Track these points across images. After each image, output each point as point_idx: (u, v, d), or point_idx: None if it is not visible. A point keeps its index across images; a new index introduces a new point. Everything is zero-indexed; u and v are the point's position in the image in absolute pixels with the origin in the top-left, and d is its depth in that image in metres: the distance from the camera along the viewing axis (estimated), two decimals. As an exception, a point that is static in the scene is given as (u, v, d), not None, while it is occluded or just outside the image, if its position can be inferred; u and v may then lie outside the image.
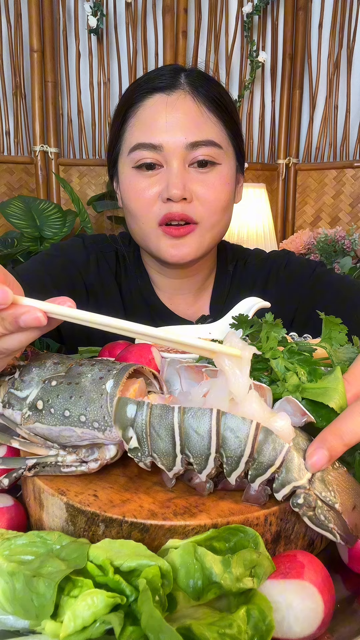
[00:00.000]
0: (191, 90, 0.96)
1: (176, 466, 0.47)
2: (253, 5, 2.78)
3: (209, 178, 0.96)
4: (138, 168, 0.96)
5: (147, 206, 0.96)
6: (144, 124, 0.96)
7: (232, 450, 0.45)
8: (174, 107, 0.94)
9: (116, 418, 0.48)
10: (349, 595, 0.46)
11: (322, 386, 0.53)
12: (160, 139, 0.93)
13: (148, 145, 0.94)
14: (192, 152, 0.94)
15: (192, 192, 0.95)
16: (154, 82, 0.97)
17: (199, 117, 0.95)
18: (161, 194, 0.95)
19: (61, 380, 0.52)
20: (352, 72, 2.86)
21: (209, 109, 0.96)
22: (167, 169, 0.95)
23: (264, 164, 2.99)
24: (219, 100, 0.98)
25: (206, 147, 0.94)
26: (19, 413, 0.52)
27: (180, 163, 0.94)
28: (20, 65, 2.73)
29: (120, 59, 2.83)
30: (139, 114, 0.97)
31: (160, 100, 0.95)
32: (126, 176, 0.99)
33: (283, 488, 0.45)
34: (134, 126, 0.97)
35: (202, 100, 0.96)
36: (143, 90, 0.97)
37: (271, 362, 0.56)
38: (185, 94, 0.95)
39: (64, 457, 0.51)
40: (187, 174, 0.95)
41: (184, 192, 0.93)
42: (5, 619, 0.40)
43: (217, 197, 0.97)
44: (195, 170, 0.95)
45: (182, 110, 0.94)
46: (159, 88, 0.96)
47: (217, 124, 0.97)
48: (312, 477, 0.45)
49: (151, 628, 0.34)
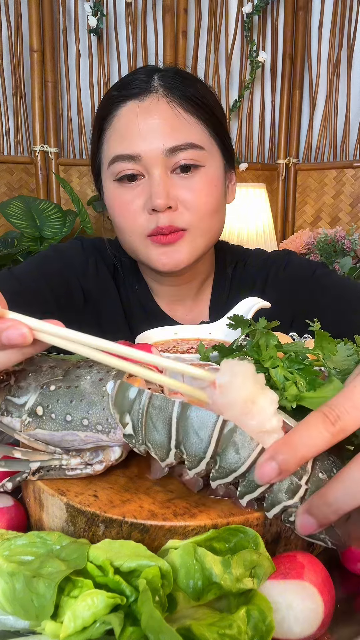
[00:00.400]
0: (165, 92, 0.91)
1: (169, 458, 0.47)
2: (253, 5, 2.78)
3: (193, 182, 0.92)
4: (120, 181, 0.93)
5: (132, 219, 0.93)
6: (120, 135, 0.92)
7: (228, 463, 0.45)
8: (147, 112, 0.90)
9: (116, 401, 0.48)
10: (349, 595, 0.46)
11: (321, 396, 0.53)
12: (137, 149, 0.90)
13: (126, 157, 0.91)
14: (172, 158, 0.90)
15: (176, 198, 0.91)
16: (127, 88, 0.93)
17: (175, 120, 0.90)
18: (145, 205, 0.92)
19: (60, 384, 0.51)
20: (352, 72, 2.86)
21: (186, 110, 0.92)
22: (148, 179, 0.91)
23: (264, 164, 2.99)
24: (197, 98, 0.93)
25: (186, 151, 0.90)
26: (18, 420, 0.51)
27: (162, 170, 0.90)
28: (20, 65, 2.73)
29: (120, 59, 2.83)
30: (114, 124, 0.93)
31: (133, 107, 0.91)
32: (109, 190, 0.96)
33: (273, 508, 0.44)
34: (111, 138, 0.94)
35: (177, 102, 0.91)
36: (116, 99, 0.94)
37: (270, 371, 0.56)
38: (158, 97, 0.91)
39: (68, 461, 0.51)
40: (169, 180, 0.91)
41: (168, 201, 0.89)
42: (5, 619, 0.40)
43: (204, 200, 0.93)
44: (179, 175, 0.92)
45: (157, 114, 0.90)
46: (131, 95, 0.92)
47: (196, 125, 0.92)
48: (305, 494, 0.45)
49: (151, 628, 0.34)
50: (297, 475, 0.45)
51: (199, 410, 0.46)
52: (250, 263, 1.12)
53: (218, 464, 0.45)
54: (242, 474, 0.44)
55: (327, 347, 0.58)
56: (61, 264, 1.05)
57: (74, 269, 1.06)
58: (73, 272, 1.05)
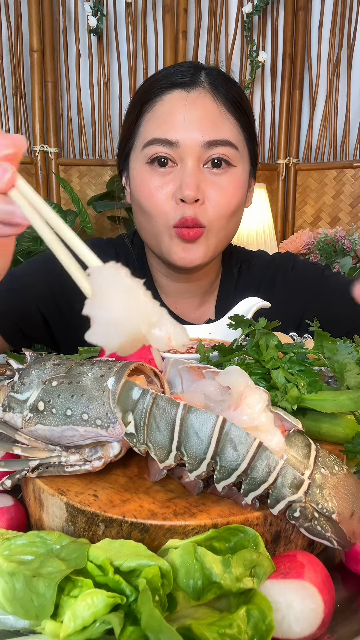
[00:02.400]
0: (211, 89, 0.95)
1: (169, 460, 0.47)
2: (253, 5, 2.78)
3: (222, 180, 0.95)
4: (151, 163, 0.94)
5: (160, 206, 0.94)
6: (161, 119, 0.94)
7: (228, 461, 0.45)
8: (193, 104, 0.93)
9: (119, 399, 0.48)
10: (349, 595, 0.46)
11: (322, 398, 0.54)
12: (177, 135, 0.92)
13: (164, 141, 0.93)
14: (208, 151, 0.93)
15: (204, 194, 0.93)
16: (174, 77, 0.95)
17: (217, 116, 0.94)
18: (174, 194, 0.93)
19: (62, 380, 0.52)
20: (352, 72, 2.86)
21: (228, 109, 0.95)
22: (181, 168, 0.93)
23: (264, 164, 2.99)
24: (238, 101, 0.97)
25: (223, 147, 0.93)
26: (20, 416, 0.52)
27: (195, 162, 0.92)
28: (20, 65, 2.73)
29: (120, 59, 2.83)
30: (155, 109, 0.95)
31: (179, 96, 0.94)
32: (138, 172, 0.97)
33: (278, 504, 0.45)
34: (150, 121, 0.95)
35: (221, 100, 0.94)
36: (162, 85, 0.95)
37: (272, 372, 0.56)
38: (205, 92, 0.94)
39: (67, 457, 0.51)
40: (201, 174, 0.93)
41: (197, 194, 0.91)
42: (5, 619, 0.40)
43: (229, 201, 0.95)
44: (210, 171, 0.94)
45: (201, 108, 0.93)
46: (179, 84, 0.94)
47: (235, 125, 0.96)
48: (309, 488, 0.45)
49: (151, 628, 0.34)
50: (300, 470, 0.45)
51: (198, 411, 0.46)
52: (255, 264, 1.14)
53: (219, 464, 0.45)
54: (244, 472, 0.45)
55: (327, 346, 0.58)
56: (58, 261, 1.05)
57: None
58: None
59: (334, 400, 0.54)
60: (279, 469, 0.44)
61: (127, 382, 0.49)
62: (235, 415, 0.48)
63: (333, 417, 0.57)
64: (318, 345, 0.59)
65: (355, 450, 0.53)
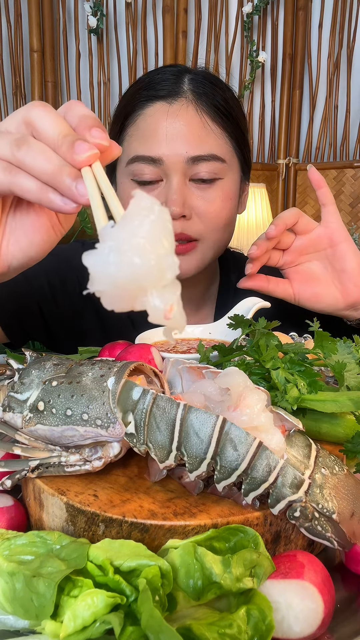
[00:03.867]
0: (194, 98, 0.91)
1: (169, 460, 0.47)
2: (253, 5, 2.78)
3: (209, 194, 0.92)
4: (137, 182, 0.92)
5: None
6: (143, 135, 0.91)
7: (228, 461, 0.45)
8: (175, 117, 0.89)
9: (119, 399, 0.48)
10: (349, 595, 0.46)
11: (322, 398, 0.54)
12: (160, 152, 0.89)
13: (147, 159, 0.90)
14: (193, 167, 0.90)
15: (191, 208, 0.91)
16: (155, 88, 0.92)
17: (201, 129, 0.90)
18: None
19: (62, 380, 0.52)
20: (352, 72, 2.86)
21: (213, 119, 0.91)
22: (166, 184, 0.91)
23: (264, 164, 2.99)
24: (225, 107, 0.93)
25: (208, 162, 0.90)
26: (20, 416, 0.52)
27: (181, 178, 0.90)
28: (20, 65, 2.73)
29: (120, 59, 2.83)
30: (138, 123, 0.92)
31: (161, 109, 0.90)
32: (124, 187, 0.95)
33: (278, 503, 0.45)
34: (132, 136, 0.93)
35: (205, 110, 0.91)
36: (143, 97, 0.93)
37: (272, 372, 0.56)
38: (187, 103, 0.90)
39: (67, 457, 0.51)
40: (187, 189, 0.91)
41: (183, 210, 0.89)
42: (5, 619, 0.40)
43: (218, 214, 0.93)
44: (196, 185, 0.92)
45: (184, 121, 0.89)
46: (160, 96, 0.91)
47: (221, 136, 0.92)
48: (309, 488, 0.45)
49: (151, 628, 0.34)
50: (300, 470, 0.45)
51: (198, 411, 0.46)
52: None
53: (219, 464, 0.45)
54: (245, 471, 0.45)
55: (327, 346, 0.59)
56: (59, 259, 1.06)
57: (72, 266, 1.06)
58: (71, 269, 1.06)
59: (334, 401, 0.54)
60: (279, 469, 0.44)
61: (127, 382, 0.49)
62: (234, 415, 0.48)
63: (333, 417, 0.57)
64: (318, 345, 0.59)
65: (355, 450, 0.53)
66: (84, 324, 1.08)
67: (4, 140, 0.47)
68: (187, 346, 0.79)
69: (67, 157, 0.45)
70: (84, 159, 0.44)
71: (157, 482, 0.51)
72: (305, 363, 0.56)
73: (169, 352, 0.73)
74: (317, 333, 0.60)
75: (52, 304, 1.05)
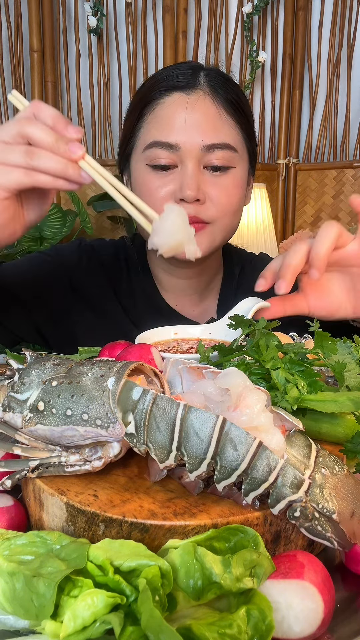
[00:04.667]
0: (210, 91, 0.96)
1: (169, 460, 0.47)
2: (253, 5, 2.78)
3: (223, 181, 0.96)
4: (153, 167, 0.96)
5: (159, 204, 0.95)
6: (162, 122, 0.96)
7: (228, 461, 0.45)
8: (193, 107, 0.94)
9: (119, 399, 0.48)
10: (349, 595, 0.46)
11: (322, 399, 0.54)
12: (177, 139, 0.94)
13: (164, 144, 0.94)
14: (207, 155, 0.94)
15: (205, 193, 0.95)
16: (173, 80, 0.97)
17: (217, 119, 0.95)
18: (174, 193, 0.95)
19: (62, 380, 0.52)
20: (352, 72, 2.86)
21: (227, 111, 0.96)
22: (181, 169, 0.95)
23: (264, 164, 2.99)
24: (237, 102, 0.98)
25: (222, 151, 0.95)
26: (20, 416, 0.52)
27: (195, 164, 0.94)
28: (20, 65, 2.73)
29: (120, 59, 2.83)
30: (156, 112, 0.97)
31: (179, 99, 0.95)
32: (139, 173, 0.99)
33: (278, 503, 0.45)
34: (151, 123, 0.97)
35: (220, 102, 0.96)
36: (162, 87, 0.97)
37: (272, 372, 0.56)
38: (204, 94, 0.95)
39: (67, 457, 0.51)
40: (201, 175, 0.95)
41: (198, 194, 0.93)
42: (5, 619, 0.40)
43: (230, 200, 0.97)
44: (210, 172, 0.96)
45: (201, 111, 0.94)
46: (179, 87, 0.96)
47: (234, 127, 0.97)
48: (309, 488, 0.45)
49: (151, 628, 0.34)
50: (301, 470, 0.45)
51: (198, 411, 0.46)
52: (257, 266, 1.16)
53: (219, 464, 0.45)
54: (245, 471, 0.45)
55: (327, 346, 0.59)
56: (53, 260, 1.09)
57: (64, 265, 1.08)
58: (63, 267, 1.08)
59: (334, 401, 0.54)
60: (280, 469, 0.44)
61: (128, 382, 0.49)
62: (234, 416, 0.48)
63: (333, 417, 0.57)
64: (318, 345, 0.59)
65: (354, 449, 0.53)
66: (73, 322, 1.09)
67: (15, 152, 0.64)
68: (187, 346, 0.79)
69: (67, 157, 0.63)
70: (79, 156, 0.64)
71: (157, 482, 0.51)
72: (305, 363, 0.56)
73: (169, 352, 0.73)
74: (317, 333, 0.60)
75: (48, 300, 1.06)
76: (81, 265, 1.09)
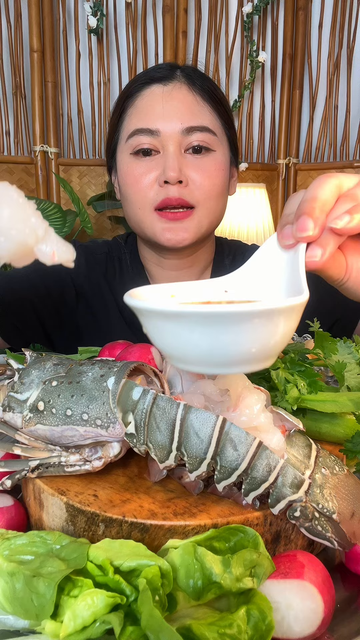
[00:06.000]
0: (187, 81, 1.01)
1: (169, 460, 0.47)
2: (253, 5, 2.78)
3: (204, 163, 0.99)
4: (136, 154, 0.99)
5: (144, 191, 0.99)
6: (142, 112, 1.00)
7: (228, 461, 0.45)
8: (170, 95, 0.99)
9: (119, 400, 0.48)
10: (349, 595, 0.46)
11: (322, 399, 0.54)
12: (157, 125, 0.97)
13: (145, 131, 0.98)
14: (187, 138, 0.98)
15: (187, 176, 0.98)
16: (151, 73, 1.02)
17: (194, 104, 0.99)
18: (158, 178, 0.98)
19: (62, 380, 0.52)
20: (352, 72, 2.86)
21: (204, 98, 1.01)
22: (163, 154, 0.98)
23: (264, 164, 2.99)
24: (213, 93, 1.03)
25: (201, 133, 0.98)
26: (20, 416, 0.52)
27: (177, 148, 0.97)
28: (20, 65, 2.73)
29: (120, 59, 2.83)
30: (136, 103, 1.01)
31: (157, 90, 1.00)
32: (124, 163, 1.02)
33: (278, 503, 0.45)
34: (132, 114, 1.01)
35: (197, 91, 1.00)
36: (141, 80, 1.02)
37: (271, 373, 0.56)
38: (181, 84, 1.00)
39: (67, 457, 0.51)
40: (183, 159, 0.98)
41: (180, 175, 0.95)
42: (5, 619, 0.40)
43: (213, 182, 1.00)
44: (191, 155, 0.99)
45: (178, 98, 0.99)
46: (156, 78, 1.01)
47: (211, 113, 1.01)
48: (309, 488, 0.45)
49: (151, 628, 0.34)
50: (301, 470, 0.45)
51: (198, 411, 0.46)
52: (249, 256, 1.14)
53: (219, 464, 0.45)
54: (245, 471, 0.45)
55: (327, 347, 0.59)
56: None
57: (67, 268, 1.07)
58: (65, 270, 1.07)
59: (334, 401, 0.54)
60: (280, 469, 0.44)
61: (128, 382, 0.49)
62: (234, 416, 0.48)
63: (333, 417, 0.57)
64: (318, 345, 0.59)
65: (355, 449, 0.53)
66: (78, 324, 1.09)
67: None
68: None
69: None
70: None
71: (157, 482, 0.51)
72: (305, 363, 0.56)
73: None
74: (317, 333, 0.60)
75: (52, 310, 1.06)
76: (80, 267, 1.10)
